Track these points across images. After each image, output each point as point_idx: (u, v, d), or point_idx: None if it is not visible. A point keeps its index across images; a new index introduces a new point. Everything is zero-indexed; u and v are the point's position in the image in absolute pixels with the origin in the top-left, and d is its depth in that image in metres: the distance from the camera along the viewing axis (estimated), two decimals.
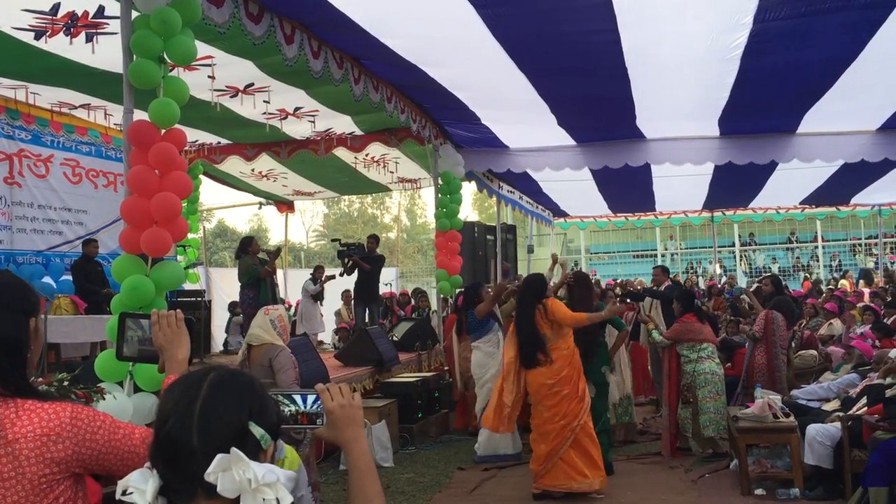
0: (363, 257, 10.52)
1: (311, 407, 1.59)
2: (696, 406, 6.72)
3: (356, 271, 10.62)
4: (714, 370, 6.74)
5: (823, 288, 15.76)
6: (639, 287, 12.96)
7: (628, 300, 9.49)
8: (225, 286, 14.08)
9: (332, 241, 13.60)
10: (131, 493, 1.25)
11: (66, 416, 1.58)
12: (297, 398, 1.60)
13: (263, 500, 1.22)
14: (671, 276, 11.73)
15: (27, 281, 1.77)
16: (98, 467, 1.64)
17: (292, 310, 15.80)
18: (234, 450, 1.21)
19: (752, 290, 11.01)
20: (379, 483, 1.55)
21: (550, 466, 5.72)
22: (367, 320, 10.37)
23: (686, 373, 6.82)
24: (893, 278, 16.19)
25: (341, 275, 11.05)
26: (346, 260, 10.57)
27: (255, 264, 9.03)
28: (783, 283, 14.29)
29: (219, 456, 1.21)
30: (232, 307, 12.23)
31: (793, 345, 8.35)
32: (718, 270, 21.26)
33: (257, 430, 1.28)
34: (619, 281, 16.60)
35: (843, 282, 18.75)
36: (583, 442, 5.76)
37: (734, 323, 9.15)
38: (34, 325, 1.68)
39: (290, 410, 1.59)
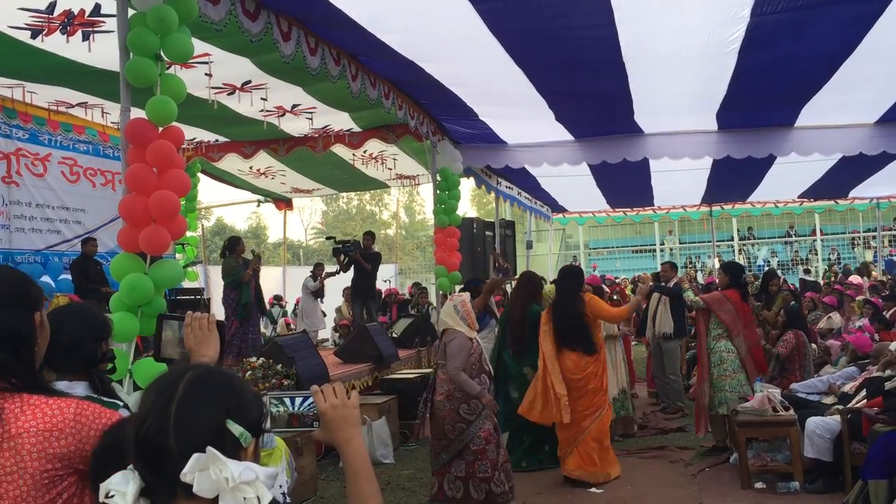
0: (360, 255, 10.52)
1: (302, 409, 1.57)
2: (710, 382, 6.73)
3: (352, 268, 10.61)
4: (730, 348, 6.68)
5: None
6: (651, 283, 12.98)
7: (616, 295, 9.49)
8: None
9: (327, 238, 13.58)
10: (113, 496, 1.24)
11: (70, 412, 1.58)
12: (288, 400, 1.57)
13: (244, 498, 1.20)
14: None
15: (28, 275, 1.77)
16: None
17: (291, 306, 15.85)
18: (209, 449, 1.20)
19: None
20: (375, 482, 1.53)
21: (571, 451, 6.01)
22: (364, 317, 10.37)
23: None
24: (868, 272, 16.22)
25: (338, 272, 11.06)
26: (343, 257, 10.56)
27: (238, 266, 9.00)
28: (782, 276, 14.27)
29: (194, 456, 1.19)
30: None
31: None
32: (717, 265, 21.24)
33: (236, 428, 1.26)
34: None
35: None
36: (598, 434, 6.00)
37: None
38: (39, 319, 1.67)
39: (281, 412, 1.57)
